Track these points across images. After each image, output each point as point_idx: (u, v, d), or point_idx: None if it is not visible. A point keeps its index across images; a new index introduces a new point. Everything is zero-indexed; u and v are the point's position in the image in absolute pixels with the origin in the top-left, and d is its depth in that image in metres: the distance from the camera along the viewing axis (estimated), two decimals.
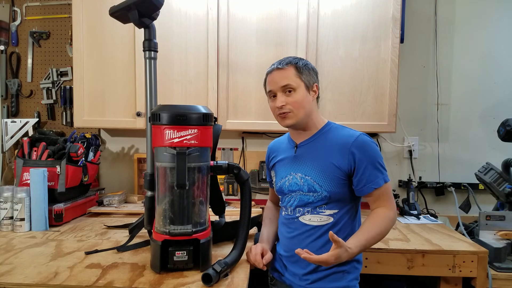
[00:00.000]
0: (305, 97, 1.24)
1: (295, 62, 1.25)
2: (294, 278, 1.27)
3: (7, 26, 2.29)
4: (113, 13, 1.24)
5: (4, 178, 2.16)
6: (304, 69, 1.24)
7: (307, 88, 1.24)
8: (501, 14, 2.22)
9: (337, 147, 1.21)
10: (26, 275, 1.13)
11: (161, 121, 1.11)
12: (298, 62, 1.25)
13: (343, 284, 1.22)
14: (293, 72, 1.23)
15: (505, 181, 1.75)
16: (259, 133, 2.25)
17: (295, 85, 1.22)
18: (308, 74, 1.25)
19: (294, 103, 1.22)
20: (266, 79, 1.30)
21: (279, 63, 1.25)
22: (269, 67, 1.29)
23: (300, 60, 1.27)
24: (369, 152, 1.20)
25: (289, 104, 1.23)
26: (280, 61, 1.26)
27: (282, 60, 1.26)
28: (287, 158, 1.33)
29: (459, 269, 1.50)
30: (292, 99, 1.22)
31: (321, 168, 1.22)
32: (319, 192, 1.22)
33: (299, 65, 1.24)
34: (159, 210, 1.18)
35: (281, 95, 1.24)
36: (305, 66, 1.26)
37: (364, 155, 1.19)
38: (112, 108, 1.98)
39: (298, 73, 1.23)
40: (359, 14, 1.91)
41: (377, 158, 1.20)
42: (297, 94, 1.22)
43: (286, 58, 1.27)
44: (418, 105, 2.28)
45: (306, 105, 1.24)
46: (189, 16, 1.93)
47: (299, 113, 1.23)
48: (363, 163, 1.19)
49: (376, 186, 1.19)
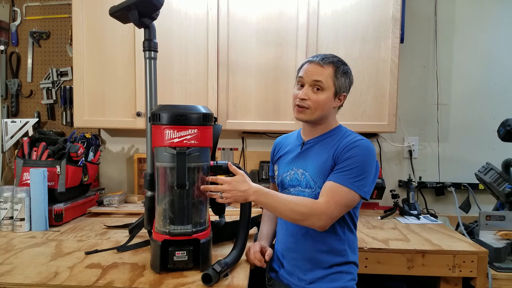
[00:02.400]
0: (329, 101, 1.22)
1: (337, 64, 1.22)
2: (292, 277, 1.27)
3: (7, 26, 2.28)
4: (113, 13, 1.24)
5: (4, 178, 2.16)
6: (342, 75, 1.22)
7: (335, 93, 1.23)
8: (501, 14, 2.22)
9: (338, 147, 1.21)
10: (26, 275, 1.13)
11: (161, 121, 1.12)
12: (340, 66, 1.23)
13: (340, 284, 1.22)
14: (331, 73, 1.21)
15: (505, 181, 1.74)
16: (259, 133, 2.25)
17: (326, 86, 1.21)
18: (343, 81, 1.23)
19: (316, 102, 1.21)
20: (303, 65, 1.27)
21: (322, 59, 1.22)
22: (311, 56, 1.26)
23: (343, 64, 1.24)
24: (357, 152, 1.17)
25: (310, 101, 1.21)
26: (324, 57, 1.23)
27: (326, 56, 1.23)
28: (292, 153, 1.33)
29: (459, 269, 1.50)
30: (317, 97, 1.21)
31: (319, 165, 1.22)
32: (313, 189, 1.22)
33: (339, 69, 1.22)
34: (159, 210, 1.18)
35: (308, 89, 1.22)
36: (345, 73, 1.23)
37: (349, 153, 1.17)
38: (112, 108, 1.98)
39: (334, 76, 1.21)
40: (359, 14, 1.91)
41: (360, 162, 1.15)
42: (323, 95, 1.21)
43: (331, 56, 1.24)
44: (418, 105, 2.28)
45: (326, 109, 1.23)
46: (189, 16, 1.93)
47: (316, 113, 1.22)
48: (344, 158, 1.17)
49: (333, 179, 1.15)
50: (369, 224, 1.88)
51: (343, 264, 1.23)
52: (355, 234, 1.27)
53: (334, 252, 1.22)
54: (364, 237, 1.65)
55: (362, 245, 1.53)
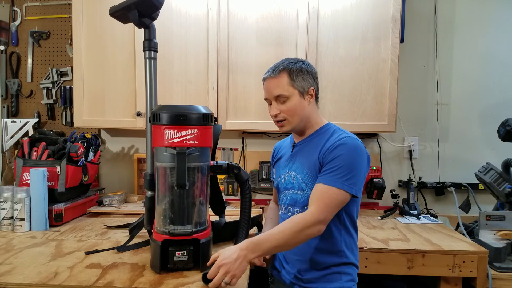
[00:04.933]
0: (299, 104, 1.23)
1: (289, 68, 1.22)
2: (291, 276, 1.28)
3: (7, 26, 2.28)
4: (113, 13, 1.24)
5: (4, 178, 2.16)
6: (298, 75, 1.22)
7: (301, 94, 1.23)
8: (501, 14, 2.22)
9: (325, 146, 1.21)
10: (26, 275, 1.13)
11: (161, 121, 1.12)
12: (292, 67, 1.23)
13: (338, 285, 1.21)
14: (286, 81, 1.22)
15: (505, 181, 1.74)
16: (259, 133, 2.25)
17: (288, 94, 1.22)
18: (303, 79, 1.23)
19: (288, 111, 1.23)
20: (263, 84, 1.29)
21: (273, 71, 1.24)
22: (265, 72, 1.28)
23: (295, 64, 1.24)
24: (344, 150, 1.15)
25: (283, 112, 1.23)
26: (274, 68, 1.24)
27: (276, 66, 1.24)
28: (286, 156, 1.35)
29: (459, 269, 1.50)
30: (286, 107, 1.23)
31: (308, 167, 1.23)
32: (305, 191, 1.23)
33: (292, 71, 1.22)
34: (159, 210, 1.18)
35: (275, 104, 1.25)
36: (299, 71, 1.23)
37: (335, 152, 1.16)
38: (112, 108, 1.98)
39: (291, 81, 1.22)
40: (359, 14, 1.91)
41: (347, 161, 1.14)
42: (290, 102, 1.22)
43: (281, 63, 1.25)
44: (418, 105, 2.28)
45: (301, 112, 1.24)
46: (189, 16, 1.93)
47: (294, 120, 1.24)
48: (330, 157, 1.16)
49: (322, 180, 1.14)
50: (369, 224, 1.88)
51: (341, 264, 1.22)
52: (353, 235, 1.26)
53: (330, 253, 1.22)
54: (364, 237, 1.65)
55: (362, 245, 1.53)
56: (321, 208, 1.11)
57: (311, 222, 1.10)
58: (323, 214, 1.11)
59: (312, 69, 1.28)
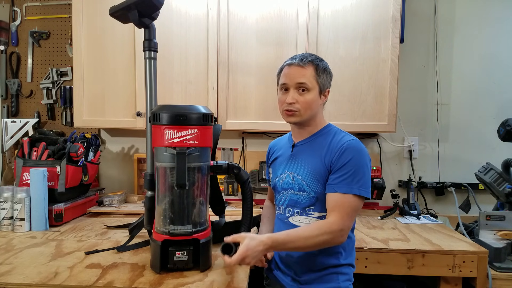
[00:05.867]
0: (316, 99, 1.22)
1: (317, 62, 1.22)
2: (287, 278, 1.27)
3: (7, 26, 2.28)
4: (113, 13, 1.24)
5: (4, 178, 2.16)
6: (323, 72, 1.23)
7: (320, 91, 1.23)
8: (501, 14, 2.22)
9: (328, 149, 1.20)
10: (26, 275, 1.13)
11: (161, 121, 1.12)
12: (319, 64, 1.23)
13: (335, 285, 1.21)
14: (312, 73, 1.21)
15: (505, 181, 1.75)
16: (259, 133, 2.25)
17: (311, 86, 1.21)
18: (325, 78, 1.24)
19: (304, 103, 1.21)
20: (282, 70, 1.27)
21: (301, 59, 1.21)
22: (288, 59, 1.25)
23: (321, 61, 1.24)
24: (351, 155, 1.16)
25: (299, 103, 1.21)
26: (302, 57, 1.22)
27: (304, 56, 1.22)
28: (284, 156, 1.33)
29: (459, 269, 1.50)
30: (304, 99, 1.21)
31: (311, 168, 1.22)
32: (307, 192, 1.22)
33: (319, 66, 1.22)
34: (159, 210, 1.18)
35: (294, 92, 1.22)
36: (325, 69, 1.24)
37: (345, 156, 1.16)
38: (112, 108, 1.98)
39: (316, 75, 1.21)
40: (359, 14, 1.91)
41: (356, 165, 1.15)
42: (310, 95, 1.21)
43: (308, 55, 1.23)
44: (418, 105, 2.28)
45: (315, 107, 1.23)
46: (189, 16, 1.93)
47: (306, 113, 1.22)
48: (340, 162, 1.16)
49: (338, 189, 1.15)
50: (369, 224, 1.88)
51: (338, 265, 1.22)
52: (351, 236, 1.26)
53: (328, 254, 1.22)
54: (364, 237, 1.65)
55: (362, 245, 1.53)
56: (344, 218, 1.13)
57: (338, 232, 1.12)
58: (347, 223, 1.14)
59: (332, 72, 1.28)
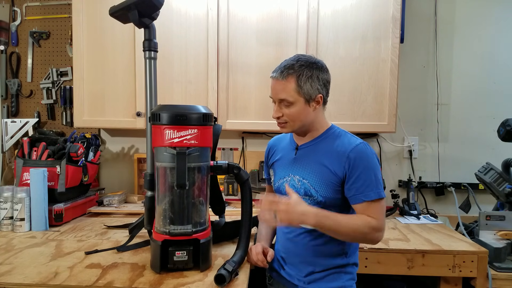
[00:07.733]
0: (303, 111, 1.19)
1: (298, 72, 1.16)
2: (291, 278, 1.27)
3: (7, 26, 2.28)
4: (113, 13, 1.24)
5: (4, 178, 2.16)
6: (306, 81, 1.16)
7: (306, 101, 1.18)
8: (501, 14, 2.22)
9: (335, 154, 1.19)
10: (26, 275, 1.13)
11: (161, 121, 1.12)
12: (302, 73, 1.16)
13: (339, 284, 1.22)
14: (293, 86, 1.16)
15: (505, 181, 1.74)
16: (259, 133, 2.25)
17: (292, 100, 1.17)
18: (311, 86, 1.17)
19: (290, 116, 1.20)
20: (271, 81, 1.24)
21: (281, 73, 1.18)
22: (273, 69, 1.22)
23: (306, 68, 1.17)
24: (365, 162, 1.15)
25: (285, 116, 1.21)
26: (282, 69, 1.18)
27: (284, 68, 1.18)
28: (287, 158, 1.31)
29: (459, 269, 1.50)
30: (288, 111, 1.19)
31: (318, 173, 1.20)
32: (314, 197, 1.20)
33: (301, 77, 1.16)
34: (159, 210, 1.18)
35: (278, 106, 1.21)
36: (309, 78, 1.16)
37: (358, 164, 1.15)
38: (112, 108, 1.98)
39: (298, 87, 1.16)
40: (359, 14, 1.91)
41: (373, 170, 1.15)
42: (293, 108, 1.18)
43: (292, 64, 1.18)
44: (418, 105, 2.27)
45: (304, 118, 1.20)
46: (189, 16, 1.93)
47: (296, 124, 1.21)
48: (356, 171, 1.15)
49: (365, 198, 1.14)
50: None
51: (342, 265, 1.23)
52: None
53: (332, 253, 1.22)
54: None
55: (362, 245, 1.53)
56: (380, 218, 1.14)
57: (379, 228, 1.13)
58: (383, 223, 1.15)
59: (325, 74, 1.21)
